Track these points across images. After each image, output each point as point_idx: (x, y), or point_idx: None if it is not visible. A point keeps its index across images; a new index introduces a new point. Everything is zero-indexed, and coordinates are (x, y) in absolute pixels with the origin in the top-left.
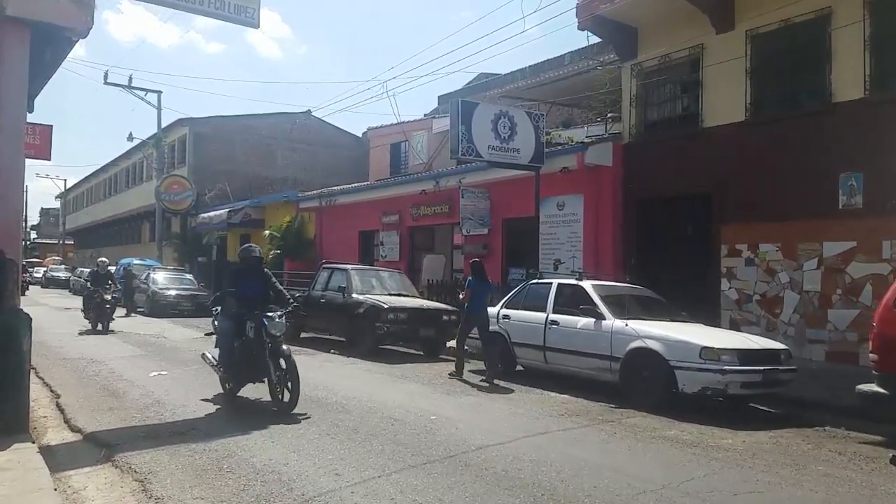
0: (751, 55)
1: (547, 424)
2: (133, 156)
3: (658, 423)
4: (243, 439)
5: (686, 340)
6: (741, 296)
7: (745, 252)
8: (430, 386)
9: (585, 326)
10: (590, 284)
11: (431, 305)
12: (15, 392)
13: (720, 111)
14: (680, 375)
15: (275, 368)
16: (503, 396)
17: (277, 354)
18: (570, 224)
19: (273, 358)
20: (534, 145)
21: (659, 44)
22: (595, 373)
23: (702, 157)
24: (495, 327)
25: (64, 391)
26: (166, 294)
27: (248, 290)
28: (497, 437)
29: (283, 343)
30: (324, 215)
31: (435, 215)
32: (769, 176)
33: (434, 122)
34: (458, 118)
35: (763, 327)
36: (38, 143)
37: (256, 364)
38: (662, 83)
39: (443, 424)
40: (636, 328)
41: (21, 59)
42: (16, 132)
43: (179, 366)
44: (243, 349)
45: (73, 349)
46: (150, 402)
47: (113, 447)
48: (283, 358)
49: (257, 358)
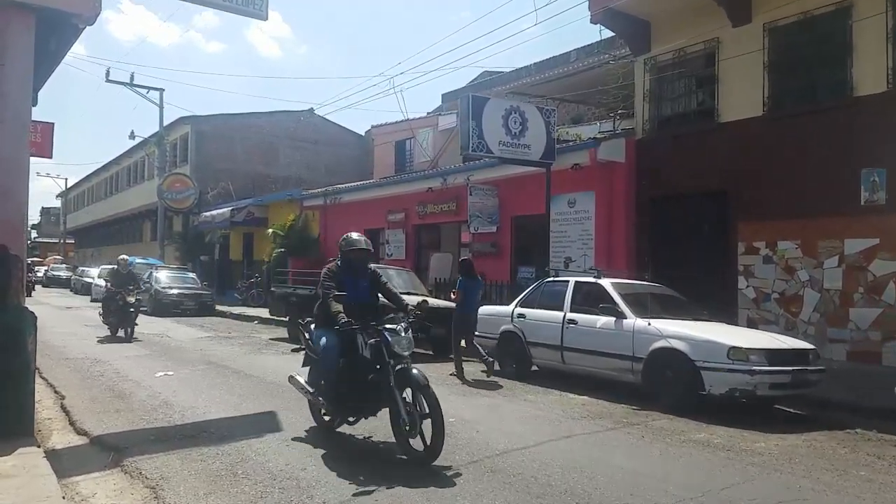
0: (768, 48)
1: (570, 427)
2: (134, 154)
3: (685, 425)
4: (257, 443)
5: (713, 340)
6: (759, 294)
7: (763, 249)
8: (445, 386)
9: (605, 326)
10: (609, 282)
11: (443, 304)
12: (20, 394)
13: (737, 106)
14: (707, 376)
15: (403, 402)
16: (520, 398)
17: (406, 382)
18: (582, 222)
19: (400, 386)
20: (545, 141)
21: (673, 37)
22: (616, 373)
23: (718, 153)
24: (509, 326)
25: (68, 392)
26: (169, 293)
27: (358, 293)
28: (520, 441)
29: (412, 366)
30: (328, 214)
31: (442, 213)
32: (788, 172)
33: (440, 118)
34: (468, 113)
35: (782, 326)
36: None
37: (370, 393)
38: (676, 78)
39: (462, 427)
40: (659, 327)
41: (26, 47)
42: (20, 124)
43: (186, 366)
44: (352, 372)
45: (76, 349)
46: (158, 404)
47: (121, 451)
48: (416, 387)
49: (374, 385)
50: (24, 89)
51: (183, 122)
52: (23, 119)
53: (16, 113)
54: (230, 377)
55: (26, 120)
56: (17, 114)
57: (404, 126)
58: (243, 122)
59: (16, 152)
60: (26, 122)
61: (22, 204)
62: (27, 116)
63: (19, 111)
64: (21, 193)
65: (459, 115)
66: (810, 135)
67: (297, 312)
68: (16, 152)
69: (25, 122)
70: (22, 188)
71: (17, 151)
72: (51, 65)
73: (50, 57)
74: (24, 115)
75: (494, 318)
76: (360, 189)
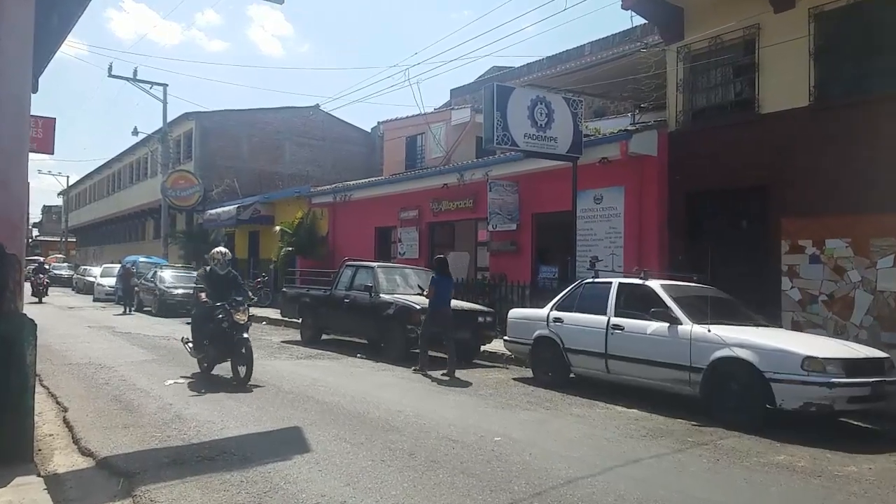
0: (814, 35)
1: (633, 449)
2: (137, 151)
3: (757, 444)
4: (285, 467)
5: (785, 349)
6: (805, 296)
7: (810, 248)
8: (479, 397)
9: (657, 332)
10: (658, 284)
11: (466, 306)
12: (17, 415)
13: (780, 96)
14: (778, 389)
15: None
16: (565, 412)
17: None
18: (610, 219)
19: None
20: (572, 134)
21: (708, 24)
22: (669, 385)
23: (758, 146)
24: (545, 331)
25: (71, 403)
26: (174, 293)
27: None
28: (583, 467)
29: None
30: (337, 211)
31: (458, 210)
32: (837, 165)
33: (453, 113)
34: (493, 104)
35: (830, 330)
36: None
37: None
38: (712, 67)
39: (512, 448)
40: (721, 335)
41: (25, 19)
42: (18, 108)
43: (196, 372)
44: None
45: (79, 353)
46: (170, 418)
47: (132, 477)
48: None
49: None
50: (23, 69)
51: (187, 118)
52: (21, 103)
53: (13, 95)
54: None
55: (25, 104)
56: (14, 96)
57: (415, 121)
58: (248, 118)
59: (13, 139)
60: (25, 106)
61: (21, 197)
62: (26, 100)
63: (17, 94)
64: (20, 185)
65: (483, 106)
66: (861, 126)
67: (310, 314)
68: (13, 139)
69: (24, 106)
70: (21, 179)
71: (14, 138)
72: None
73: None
74: (23, 98)
75: (527, 323)
76: (372, 186)
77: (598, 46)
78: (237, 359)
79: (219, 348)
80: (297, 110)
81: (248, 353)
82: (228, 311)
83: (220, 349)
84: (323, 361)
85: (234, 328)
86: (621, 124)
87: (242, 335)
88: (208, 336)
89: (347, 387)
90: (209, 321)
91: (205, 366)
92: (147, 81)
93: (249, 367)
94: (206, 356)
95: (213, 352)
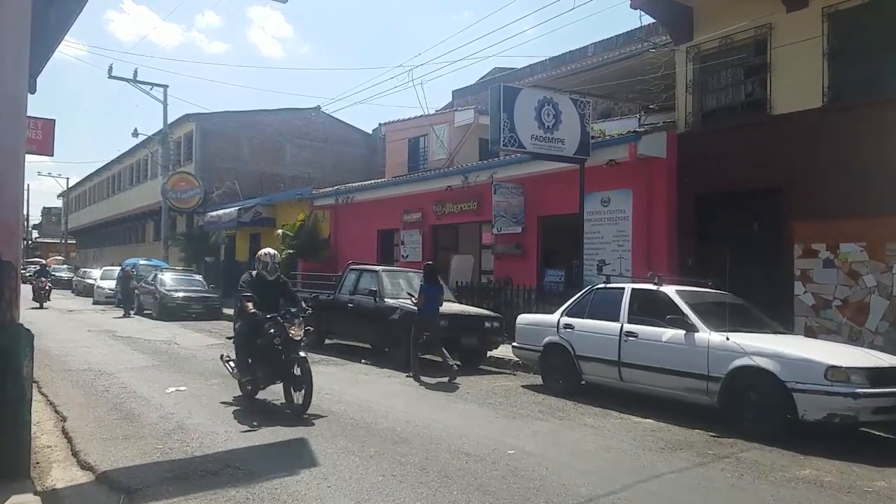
0: (828, 35)
1: (652, 462)
2: (137, 153)
3: (780, 457)
4: (292, 483)
5: (807, 358)
6: (819, 301)
7: (823, 252)
8: (488, 407)
9: (673, 340)
10: (673, 290)
11: (473, 311)
12: (13, 429)
13: (792, 97)
14: (800, 399)
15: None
16: (578, 422)
17: None
18: (617, 222)
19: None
20: (579, 135)
21: (718, 24)
22: (686, 394)
23: (770, 148)
24: (555, 338)
25: (70, 412)
26: (175, 296)
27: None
28: (603, 483)
29: None
30: (339, 213)
31: (462, 213)
32: (851, 167)
33: (456, 114)
34: (499, 105)
35: (845, 336)
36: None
37: None
38: (722, 67)
39: (527, 462)
40: (740, 343)
41: (22, 15)
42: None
43: (198, 379)
44: None
45: (78, 358)
46: (172, 428)
47: (133, 494)
48: None
49: None
50: (20, 66)
51: (187, 119)
52: (17, 102)
53: (9, 95)
54: None
55: (21, 103)
56: (10, 95)
57: (417, 123)
58: (249, 120)
59: (9, 141)
60: (21, 105)
61: (17, 200)
62: (23, 99)
63: (13, 92)
64: (15, 187)
65: (490, 107)
66: (877, 127)
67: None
68: (9, 141)
69: (20, 105)
70: (17, 181)
71: (10, 138)
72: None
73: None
74: (19, 96)
75: (536, 329)
76: (374, 188)
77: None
78: (292, 382)
79: (269, 369)
80: (298, 112)
81: (305, 375)
82: (281, 324)
83: (271, 370)
84: (327, 367)
85: (288, 346)
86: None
87: (299, 353)
88: (256, 354)
89: (353, 395)
90: (257, 336)
91: (248, 389)
92: (147, 83)
93: (308, 392)
94: (251, 378)
95: (261, 373)
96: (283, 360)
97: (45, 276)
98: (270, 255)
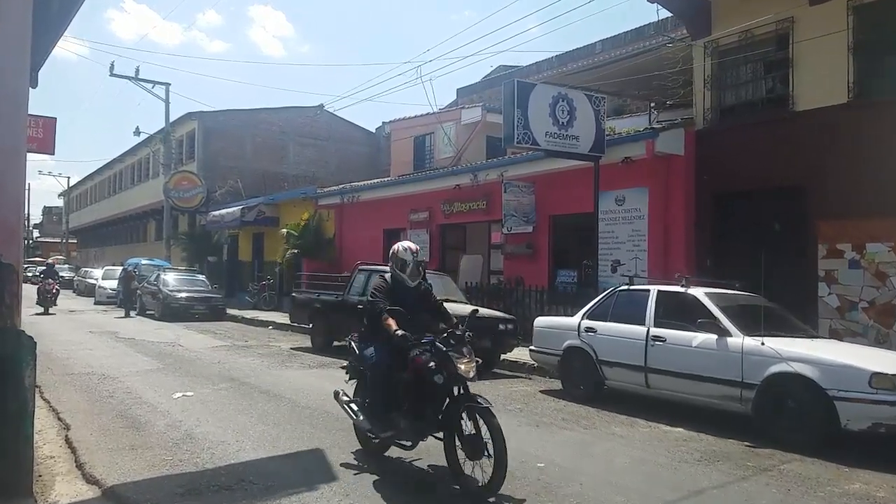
0: (854, 28)
1: (692, 477)
2: (139, 152)
3: (824, 470)
4: (311, 499)
5: (850, 364)
6: (844, 303)
7: (849, 252)
8: (508, 414)
9: (704, 345)
10: (702, 292)
11: (487, 313)
12: (14, 445)
13: (816, 93)
14: (843, 408)
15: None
16: (606, 431)
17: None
18: (632, 221)
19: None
20: (594, 132)
21: (737, 19)
22: (718, 401)
23: (793, 145)
24: (576, 342)
25: (74, 420)
26: (178, 297)
27: None
28: (643, 500)
29: None
30: (345, 212)
31: (470, 212)
32: (879, 164)
33: (463, 112)
34: (513, 101)
35: (872, 339)
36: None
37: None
38: (742, 63)
39: (559, 476)
40: (776, 348)
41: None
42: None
43: (205, 383)
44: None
45: (81, 361)
46: (180, 438)
47: None
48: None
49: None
50: (21, 58)
51: (190, 117)
52: (18, 96)
53: (9, 88)
54: (257, 399)
55: (22, 97)
56: (10, 89)
57: (423, 121)
58: (251, 118)
59: (10, 137)
60: (22, 99)
61: (18, 199)
62: (24, 93)
63: (13, 86)
64: (17, 186)
65: (503, 103)
66: None
67: (322, 320)
68: (10, 137)
69: (21, 99)
70: (18, 180)
71: (11, 135)
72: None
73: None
74: (20, 91)
75: (556, 332)
76: (381, 187)
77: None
78: (464, 444)
79: (420, 420)
80: (301, 110)
81: (495, 433)
82: (444, 353)
83: (423, 422)
84: (337, 371)
85: (452, 385)
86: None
87: (477, 401)
88: (398, 396)
89: None
90: (401, 369)
91: (375, 441)
92: (149, 81)
93: (500, 463)
94: (392, 432)
95: (406, 424)
96: (448, 409)
97: (53, 278)
98: (412, 252)
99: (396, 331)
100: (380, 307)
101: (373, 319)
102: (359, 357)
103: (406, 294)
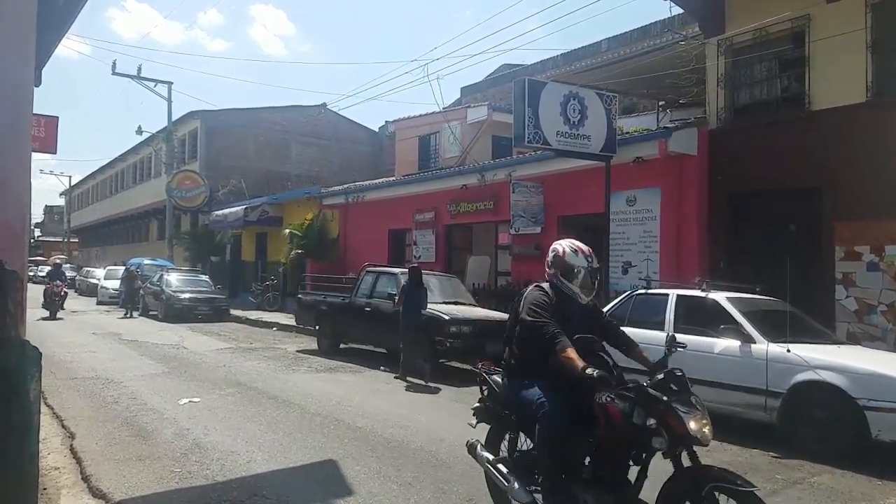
0: (872, 26)
1: None
2: (141, 151)
3: (857, 483)
4: None
5: (881, 373)
6: (862, 306)
7: (867, 255)
8: None
9: (727, 352)
10: (724, 297)
11: (498, 316)
12: (18, 462)
13: (833, 92)
14: (874, 418)
15: None
16: None
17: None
18: (644, 222)
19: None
20: (605, 132)
21: (752, 16)
22: (741, 410)
23: (809, 144)
24: None
25: (78, 427)
26: (181, 297)
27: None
28: None
29: None
30: (349, 212)
31: (477, 212)
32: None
33: (469, 111)
34: (523, 99)
35: (891, 343)
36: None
37: None
38: (756, 61)
39: None
40: (803, 355)
41: None
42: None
43: (211, 388)
44: None
45: (84, 365)
46: (189, 447)
47: None
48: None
49: None
50: (25, 53)
51: (192, 116)
52: (23, 92)
53: (13, 83)
54: (266, 405)
55: (27, 94)
56: (14, 85)
57: (428, 120)
58: (254, 118)
59: (14, 135)
60: (27, 96)
61: (23, 201)
62: (28, 90)
63: (18, 81)
64: (22, 187)
65: (513, 102)
66: None
67: (328, 322)
68: (14, 135)
69: (26, 96)
70: (23, 181)
71: (15, 134)
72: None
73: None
74: (25, 87)
75: None
76: (386, 186)
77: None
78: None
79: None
80: (304, 109)
81: None
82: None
83: None
84: (345, 375)
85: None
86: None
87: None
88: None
89: (378, 407)
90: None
91: None
92: (151, 79)
93: None
94: None
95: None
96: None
97: (61, 279)
98: (585, 256)
99: (587, 369)
100: (554, 334)
101: (541, 350)
102: (504, 398)
103: (572, 313)
